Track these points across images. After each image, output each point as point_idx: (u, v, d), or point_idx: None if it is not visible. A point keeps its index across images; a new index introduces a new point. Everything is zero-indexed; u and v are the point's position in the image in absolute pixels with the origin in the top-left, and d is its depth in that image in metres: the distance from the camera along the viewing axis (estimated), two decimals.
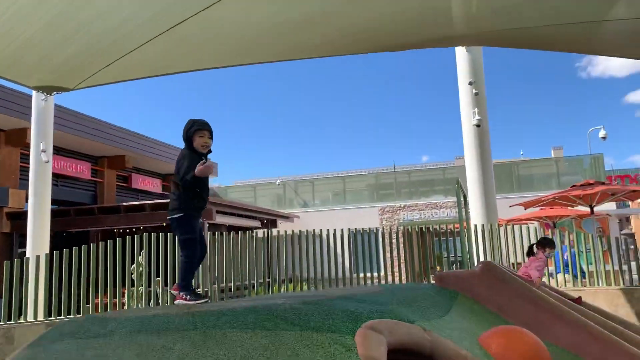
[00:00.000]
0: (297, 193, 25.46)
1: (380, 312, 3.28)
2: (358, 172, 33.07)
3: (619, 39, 7.28)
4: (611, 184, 13.08)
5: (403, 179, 25.33)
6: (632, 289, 7.94)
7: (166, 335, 2.65)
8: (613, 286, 8.19)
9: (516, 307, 4.99)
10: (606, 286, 8.23)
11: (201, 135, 3.61)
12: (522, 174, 22.64)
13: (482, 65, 9.76)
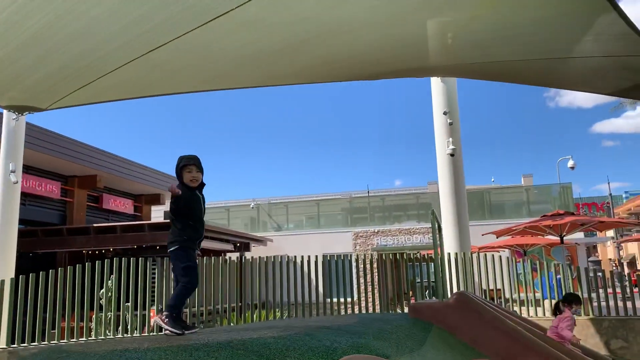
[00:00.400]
0: (271, 216, 25.32)
1: (357, 347, 3.25)
2: (332, 195, 33.14)
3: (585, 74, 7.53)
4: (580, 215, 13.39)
5: (377, 204, 25.45)
6: (601, 319, 8.07)
7: None
8: (583, 316, 8.30)
9: (490, 338, 5.01)
10: (576, 316, 8.32)
11: (189, 170, 3.75)
12: (493, 201, 22.99)
13: (456, 95, 9.95)
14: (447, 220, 9.88)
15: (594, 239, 24.92)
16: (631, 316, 8.04)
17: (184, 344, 2.98)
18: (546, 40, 6.18)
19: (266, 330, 3.59)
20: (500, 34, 5.96)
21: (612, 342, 7.85)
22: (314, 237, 21.77)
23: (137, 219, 19.54)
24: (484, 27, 5.71)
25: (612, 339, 7.86)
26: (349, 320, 4.34)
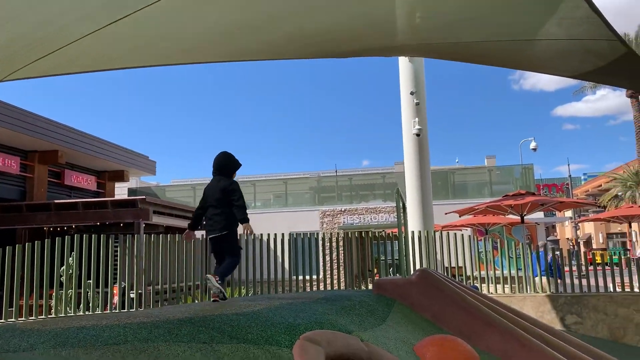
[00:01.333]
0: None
1: (319, 323, 3.27)
2: (300, 174, 33.11)
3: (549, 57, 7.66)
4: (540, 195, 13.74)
5: (344, 183, 25.56)
6: (557, 295, 8.36)
7: (94, 350, 2.52)
8: (540, 293, 8.58)
9: (450, 314, 5.13)
10: (534, 293, 8.61)
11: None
12: (457, 182, 23.37)
13: (423, 76, 10.01)
14: (412, 199, 10.01)
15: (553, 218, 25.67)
16: (585, 293, 8.35)
17: (144, 320, 2.94)
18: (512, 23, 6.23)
19: (230, 306, 3.58)
20: (467, 15, 5.98)
21: (567, 317, 8.16)
22: (281, 215, 21.76)
23: (101, 196, 19.14)
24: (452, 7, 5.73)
25: (567, 314, 8.17)
26: (312, 297, 4.37)
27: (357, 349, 3.18)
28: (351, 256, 10.22)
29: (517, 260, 9.16)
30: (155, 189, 27.64)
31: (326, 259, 10.07)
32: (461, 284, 6.17)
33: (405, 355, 3.63)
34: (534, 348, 4.77)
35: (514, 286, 8.98)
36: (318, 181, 25.70)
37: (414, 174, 10.01)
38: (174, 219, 16.72)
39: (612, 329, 7.85)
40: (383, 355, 3.27)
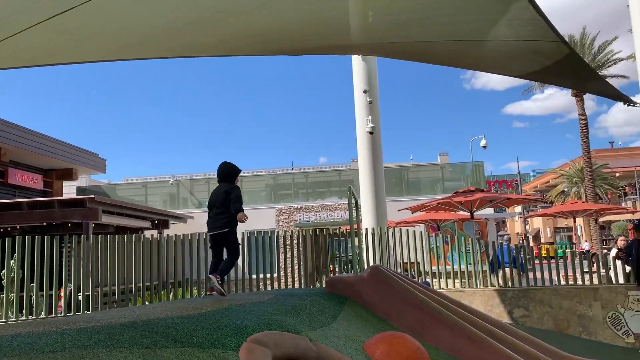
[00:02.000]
0: (192, 192, 24.75)
1: (267, 324, 3.23)
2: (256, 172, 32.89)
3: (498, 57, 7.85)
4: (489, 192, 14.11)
5: (301, 180, 25.53)
6: (505, 289, 8.60)
7: (27, 359, 2.40)
8: (489, 287, 8.81)
9: (401, 311, 5.18)
10: (483, 287, 8.83)
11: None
12: (411, 178, 23.72)
13: (376, 75, 10.09)
14: (366, 196, 10.09)
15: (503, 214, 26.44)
16: (532, 286, 8.62)
17: (84, 326, 2.83)
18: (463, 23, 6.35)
19: (177, 309, 3.50)
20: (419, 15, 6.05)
21: (515, 311, 8.40)
22: None
23: (48, 195, 18.43)
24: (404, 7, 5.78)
25: (515, 308, 8.41)
26: (263, 297, 4.32)
27: (305, 350, 3.17)
28: (306, 254, 10.20)
29: (467, 255, 9.36)
30: (106, 188, 26.87)
31: (282, 257, 10.02)
32: (412, 280, 6.25)
33: (355, 353, 3.64)
34: (482, 342, 4.88)
35: (464, 281, 9.18)
36: (274, 178, 25.58)
37: (367, 171, 10.09)
38: (125, 219, 16.29)
39: (557, 320, 8.13)
40: (332, 354, 3.26)
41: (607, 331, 7.87)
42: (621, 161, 43.49)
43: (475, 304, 8.49)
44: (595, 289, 8.07)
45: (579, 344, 7.41)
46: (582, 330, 7.98)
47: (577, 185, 38.84)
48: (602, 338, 7.87)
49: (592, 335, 7.93)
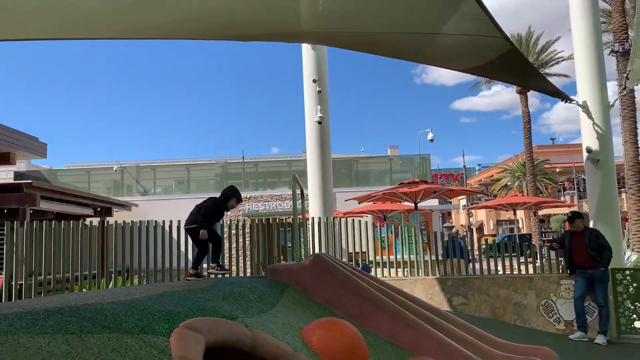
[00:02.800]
0: (137, 180, 24.12)
1: (202, 310, 3.18)
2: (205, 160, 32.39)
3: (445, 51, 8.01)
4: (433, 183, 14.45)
5: (251, 170, 25.33)
6: (445, 278, 8.83)
7: None
8: (430, 276, 9.02)
9: (342, 298, 5.23)
10: (424, 276, 9.04)
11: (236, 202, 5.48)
12: (360, 170, 23.97)
13: (326, 64, 10.09)
14: (314, 186, 10.11)
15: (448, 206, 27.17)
16: (471, 275, 8.89)
17: (5, 312, 2.70)
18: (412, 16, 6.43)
19: (108, 295, 3.39)
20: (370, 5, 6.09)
21: (454, 299, 8.65)
22: (183, 202, 21.11)
23: None
24: None
25: (455, 296, 8.65)
26: (201, 285, 4.25)
27: (240, 336, 3.14)
28: (258, 243, 10.12)
29: (412, 245, 9.53)
30: (47, 174, 25.81)
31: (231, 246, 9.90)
32: (354, 267, 6.31)
33: (292, 339, 3.64)
34: (419, 328, 4.99)
35: (406, 270, 9.36)
36: (223, 167, 25.26)
37: (315, 161, 10.10)
38: (65, 205, 15.72)
39: (494, 308, 8.43)
40: (267, 340, 3.25)
41: (540, 318, 8.22)
42: (561, 157, 45.44)
43: (416, 292, 8.67)
44: (530, 278, 8.40)
45: (513, 330, 7.70)
46: (517, 317, 8.31)
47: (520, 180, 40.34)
48: (535, 325, 8.22)
49: (526, 323, 8.27)
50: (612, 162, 9.02)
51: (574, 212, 8.12)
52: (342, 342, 3.74)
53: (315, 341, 3.74)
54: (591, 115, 8.83)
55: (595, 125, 8.79)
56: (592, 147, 8.78)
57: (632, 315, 7.95)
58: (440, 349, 4.82)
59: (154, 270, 8.96)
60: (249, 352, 3.18)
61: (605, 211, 8.76)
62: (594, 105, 8.87)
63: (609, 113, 9.02)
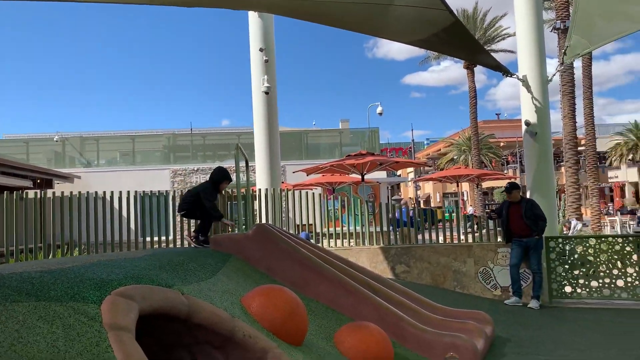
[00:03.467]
0: (79, 151, 23.29)
1: (136, 278, 3.15)
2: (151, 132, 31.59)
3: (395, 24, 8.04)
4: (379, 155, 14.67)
5: (199, 142, 24.90)
6: (389, 247, 9.04)
7: None
8: (375, 245, 9.21)
9: (284, 267, 5.28)
10: (369, 245, 9.22)
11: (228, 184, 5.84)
12: (310, 143, 23.98)
13: (273, 33, 9.94)
14: (261, 157, 10.05)
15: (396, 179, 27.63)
16: (413, 244, 9.14)
17: None
18: None
19: (38, 265, 3.29)
20: None
21: (397, 267, 8.88)
22: (128, 174, 20.62)
23: None
24: None
25: (397, 264, 8.89)
26: (139, 254, 4.19)
27: (176, 303, 3.13)
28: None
29: (361, 217, 9.66)
30: None
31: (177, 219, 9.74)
32: (297, 236, 6.37)
33: (231, 306, 3.66)
34: (358, 294, 5.11)
35: (352, 241, 9.52)
36: (169, 139, 24.70)
37: (262, 133, 10.02)
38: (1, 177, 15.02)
39: (434, 275, 8.72)
40: (204, 307, 3.25)
41: (478, 285, 8.57)
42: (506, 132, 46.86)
43: (361, 261, 8.85)
44: (470, 246, 8.72)
45: (452, 296, 8.00)
46: (457, 284, 8.63)
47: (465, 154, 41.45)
48: (474, 291, 8.57)
49: (465, 289, 8.60)
50: (549, 135, 9.39)
51: (511, 183, 8.42)
52: (281, 307, 3.79)
53: (254, 308, 3.78)
54: (530, 90, 9.11)
55: (534, 99, 9.09)
56: (530, 121, 9.09)
57: (563, 281, 8.40)
58: (377, 312, 4.97)
59: (95, 243, 8.74)
60: (185, 319, 3.18)
61: (541, 182, 9.14)
62: (534, 80, 9.16)
63: (547, 88, 9.34)
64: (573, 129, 19.61)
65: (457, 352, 4.64)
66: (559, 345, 5.68)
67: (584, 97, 22.03)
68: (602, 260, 8.23)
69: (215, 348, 3.29)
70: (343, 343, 4.34)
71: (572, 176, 19.37)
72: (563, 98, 19.77)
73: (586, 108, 22.04)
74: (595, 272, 8.26)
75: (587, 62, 21.67)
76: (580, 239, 8.78)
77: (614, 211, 33.26)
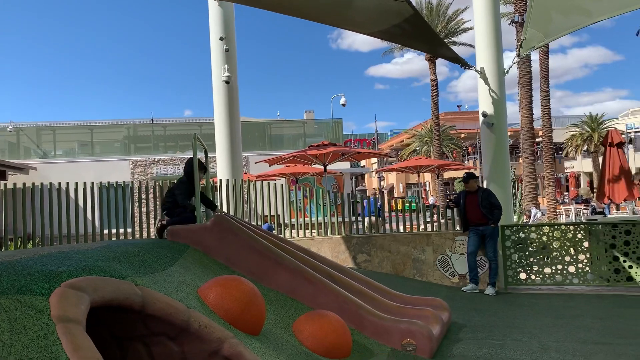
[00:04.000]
0: (35, 142, 22.57)
1: (88, 269, 3.09)
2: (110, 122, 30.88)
3: (359, 16, 8.07)
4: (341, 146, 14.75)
5: (160, 133, 24.48)
6: (351, 237, 9.13)
7: None
8: (337, 235, 9.28)
9: (243, 257, 5.27)
10: (331, 235, 9.29)
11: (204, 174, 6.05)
12: (274, 134, 23.89)
13: (233, 21, 9.82)
14: (222, 147, 9.96)
15: (360, 169, 27.83)
16: (374, 234, 9.25)
17: None
18: None
19: None
20: None
21: (359, 256, 8.98)
22: (86, 165, 20.12)
23: None
24: None
25: (359, 253, 8.98)
26: (92, 246, 4.11)
27: (129, 294, 3.09)
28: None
29: (323, 207, 9.70)
30: None
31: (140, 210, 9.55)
32: (258, 227, 6.36)
33: (187, 297, 3.64)
34: (317, 283, 5.15)
35: (317, 231, 9.56)
36: (129, 129, 24.18)
37: (223, 122, 9.92)
38: None
39: (395, 264, 8.85)
40: (158, 297, 3.22)
41: (436, 272, 8.75)
42: (467, 124, 47.76)
43: (323, 250, 8.91)
44: (429, 235, 8.88)
45: (412, 284, 8.15)
46: (416, 272, 8.79)
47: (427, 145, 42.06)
48: (432, 279, 8.74)
49: (424, 277, 8.77)
50: (505, 126, 9.61)
51: (468, 173, 8.60)
52: (238, 298, 3.79)
53: (211, 299, 3.76)
54: (487, 82, 9.30)
55: (491, 91, 9.29)
56: (487, 112, 9.29)
57: (518, 268, 8.66)
58: (337, 301, 5.02)
59: (50, 236, 8.52)
60: (139, 310, 3.14)
61: (497, 172, 9.36)
62: (491, 72, 9.35)
63: (504, 80, 9.55)
64: (530, 120, 20.12)
65: (413, 338, 4.74)
66: (512, 330, 5.87)
67: (541, 90, 22.62)
68: (555, 247, 8.51)
69: (171, 339, 3.27)
70: (302, 332, 4.37)
71: (529, 166, 19.90)
72: (521, 90, 20.25)
73: (543, 100, 22.64)
74: (549, 259, 8.54)
75: (544, 56, 22.24)
76: (534, 227, 9.05)
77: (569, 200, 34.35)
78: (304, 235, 9.62)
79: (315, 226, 9.59)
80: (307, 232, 9.73)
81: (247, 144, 20.74)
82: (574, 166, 45.75)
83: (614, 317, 6.49)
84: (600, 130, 40.34)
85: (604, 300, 7.64)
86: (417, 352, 4.72)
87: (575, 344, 5.21)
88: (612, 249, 8.24)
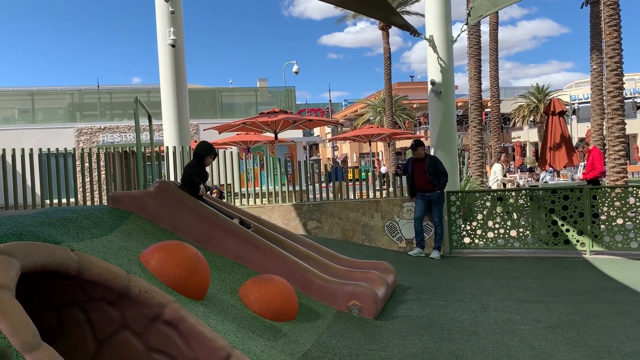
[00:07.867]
0: None
1: (18, 234, 2.98)
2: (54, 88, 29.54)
3: None
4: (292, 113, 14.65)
5: (106, 100, 23.61)
6: (301, 204, 9.16)
7: None
8: (287, 202, 9.29)
9: (189, 224, 5.21)
10: (282, 203, 9.29)
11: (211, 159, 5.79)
12: (225, 102, 23.46)
13: None
14: (168, 113, 9.72)
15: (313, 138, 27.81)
16: (325, 201, 9.31)
17: None
18: None
19: None
20: None
21: (309, 223, 9.04)
22: (28, 132, 19.26)
23: None
24: None
25: (309, 220, 9.04)
26: (26, 212, 3.96)
27: (64, 259, 2.99)
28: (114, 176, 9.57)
29: (274, 177, 9.66)
30: None
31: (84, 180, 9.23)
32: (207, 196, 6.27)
33: (128, 262, 3.57)
34: (265, 249, 5.16)
35: (264, 199, 9.54)
36: (74, 95, 23.21)
37: (169, 88, 9.64)
38: None
39: (344, 230, 8.97)
40: (95, 263, 3.14)
41: (384, 238, 8.92)
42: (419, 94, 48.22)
43: (274, 218, 8.92)
44: (377, 201, 9.01)
45: (361, 249, 8.29)
46: (365, 238, 8.94)
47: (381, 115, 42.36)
48: (381, 244, 8.92)
49: (372, 242, 8.93)
50: (453, 94, 9.75)
51: (416, 141, 8.73)
52: (181, 263, 3.74)
53: (153, 264, 3.70)
54: (436, 50, 9.37)
55: (440, 59, 9.37)
56: (435, 80, 9.39)
57: (463, 232, 8.93)
58: (284, 266, 5.05)
59: None
60: (75, 276, 3.06)
61: (444, 140, 9.53)
62: (439, 41, 9.41)
63: (452, 48, 9.64)
64: (479, 90, 20.52)
65: (358, 300, 4.84)
66: (454, 291, 6.08)
67: (490, 60, 23.03)
68: (498, 212, 8.81)
69: (110, 304, 3.21)
70: (248, 296, 4.38)
71: (477, 136, 20.37)
72: (470, 61, 20.55)
73: (492, 71, 23.07)
74: (492, 223, 8.84)
75: (493, 27, 22.57)
76: (478, 193, 9.32)
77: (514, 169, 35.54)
78: (254, 203, 9.59)
79: (267, 195, 9.56)
80: (258, 200, 9.70)
81: (197, 112, 20.32)
82: (521, 136, 47.20)
83: (551, 277, 6.82)
84: (546, 102, 41.64)
85: (543, 262, 8.00)
86: (362, 314, 4.83)
87: (513, 303, 5.45)
88: (552, 213, 8.60)
